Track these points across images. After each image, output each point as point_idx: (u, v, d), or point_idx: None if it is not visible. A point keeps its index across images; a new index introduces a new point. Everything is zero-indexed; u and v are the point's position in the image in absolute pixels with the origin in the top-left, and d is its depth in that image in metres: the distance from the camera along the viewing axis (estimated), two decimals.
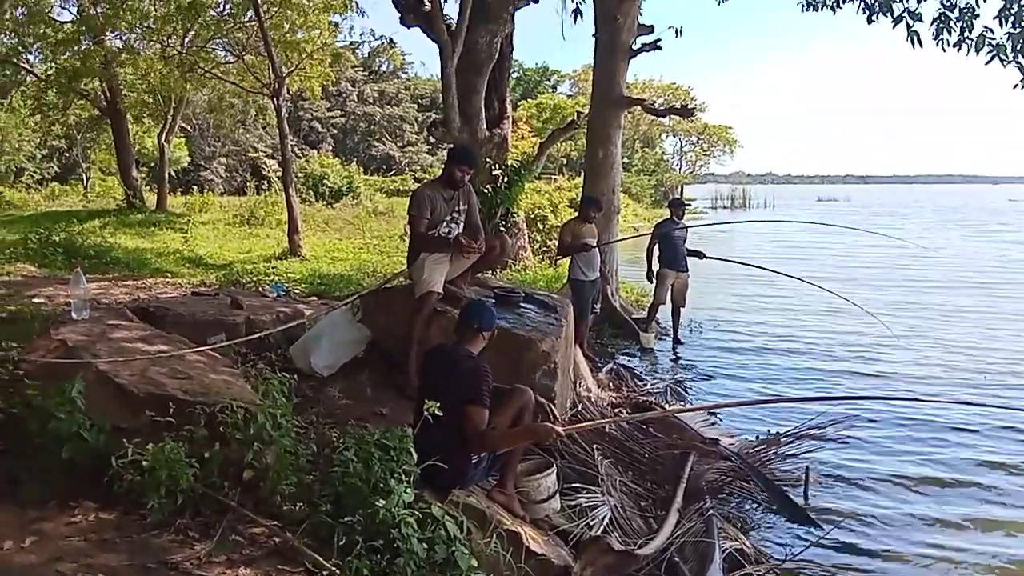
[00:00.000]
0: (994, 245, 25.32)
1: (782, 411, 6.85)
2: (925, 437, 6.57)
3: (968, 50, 8.55)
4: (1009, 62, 8.44)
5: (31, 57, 20.04)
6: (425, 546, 3.16)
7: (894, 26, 8.67)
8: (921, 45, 8.59)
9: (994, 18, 8.33)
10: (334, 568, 3.05)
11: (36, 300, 7.63)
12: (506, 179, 11.75)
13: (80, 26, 17.35)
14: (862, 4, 9.13)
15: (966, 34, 8.54)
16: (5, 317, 6.53)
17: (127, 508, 3.33)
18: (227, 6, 16.54)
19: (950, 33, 8.55)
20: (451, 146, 6.77)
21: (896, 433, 6.65)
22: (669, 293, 9.97)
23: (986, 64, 8.48)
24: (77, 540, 3.07)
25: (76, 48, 17.62)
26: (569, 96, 49.47)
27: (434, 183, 5.73)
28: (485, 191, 10.97)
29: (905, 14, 8.62)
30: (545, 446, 4.42)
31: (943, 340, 10.24)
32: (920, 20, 8.61)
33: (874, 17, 8.94)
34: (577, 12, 11.67)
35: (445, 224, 5.53)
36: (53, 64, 18.90)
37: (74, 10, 18.65)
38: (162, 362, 4.34)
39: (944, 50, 8.57)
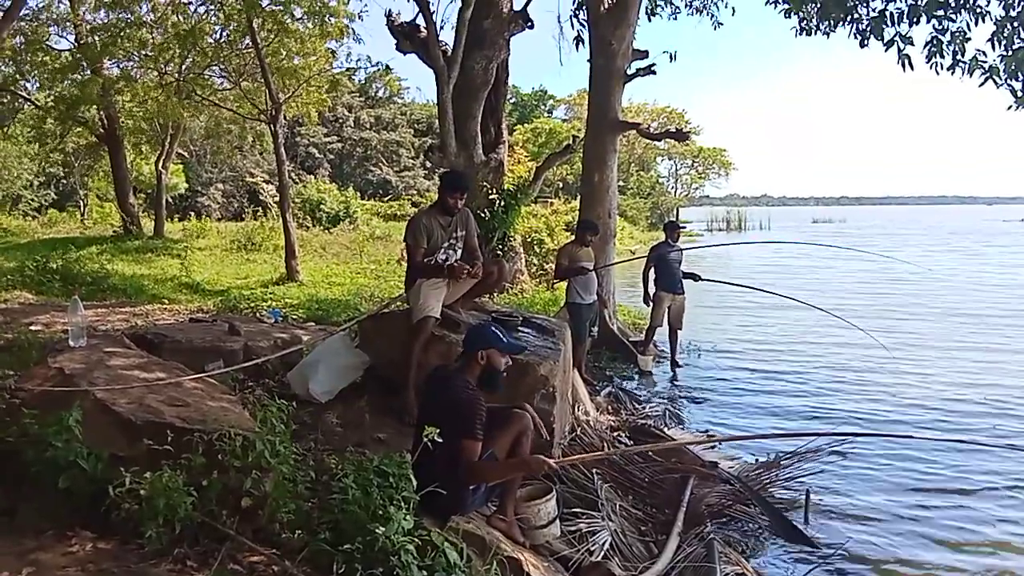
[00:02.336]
0: (997, 268, 24.91)
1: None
2: (927, 466, 6.50)
3: (962, 73, 8.62)
4: (1002, 84, 8.49)
5: (29, 85, 20.16)
6: (425, 573, 3.14)
7: (886, 50, 8.70)
8: (912, 68, 8.63)
9: (987, 41, 8.40)
10: None
11: (33, 328, 7.62)
12: (503, 203, 11.79)
13: (78, 55, 17.46)
14: (854, 29, 9.23)
15: (959, 57, 8.60)
16: (2, 345, 6.52)
17: (125, 537, 3.30)
18: (224, 33, 16.67)
19: (943, 56, 8.60)
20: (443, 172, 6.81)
21: (897, 461, 6.59)
22: (666, 316, 9.97)
23: (979, 86, 8.54)
24: (74, 570, 3.04)
25: (74, 76, 17.73)
26: (564, 120, 49.81)
27: (430, 209, 5.74)
28: (482, 215, 11.01)
29: (897, 38, 8.68)
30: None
31: (945, 369, 10.01)
32: (911, 44, 8.65)
33: (866, 42, 9.01)
34: (579, 40, 11.77)
35: (443, 250, 5.54)
36: (51, 92, 19.00)
37: (72, 38, 18.79)
38: (160, 390, 4.33)
39: (938, 73, 8.61)
